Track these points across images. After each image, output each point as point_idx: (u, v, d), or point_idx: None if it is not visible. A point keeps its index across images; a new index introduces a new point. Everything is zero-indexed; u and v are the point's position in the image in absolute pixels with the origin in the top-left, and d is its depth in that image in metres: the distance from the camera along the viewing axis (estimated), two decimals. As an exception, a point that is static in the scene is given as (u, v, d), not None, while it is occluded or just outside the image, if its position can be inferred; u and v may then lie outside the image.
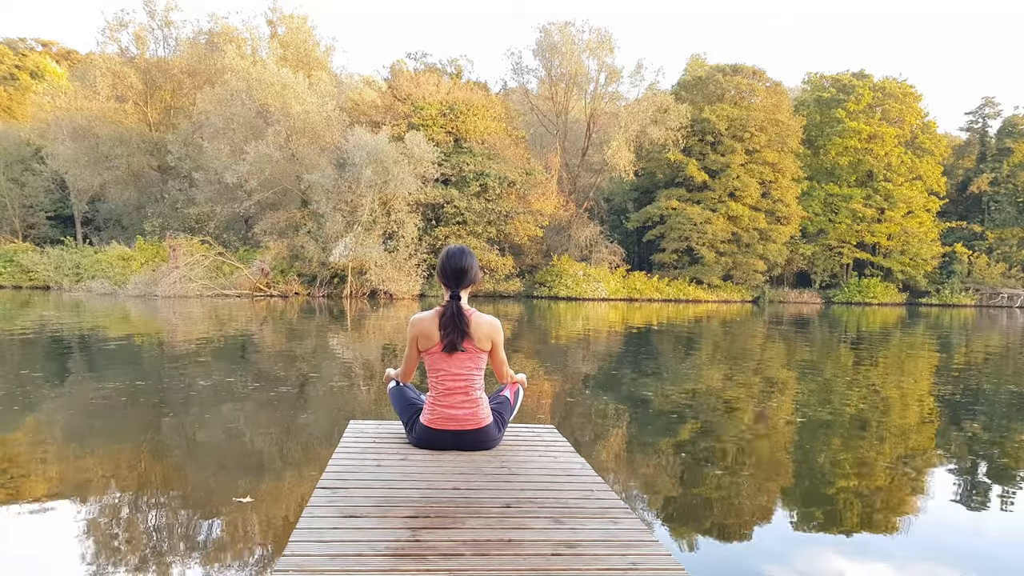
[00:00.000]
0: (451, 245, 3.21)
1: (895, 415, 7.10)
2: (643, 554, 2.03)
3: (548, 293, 35.92)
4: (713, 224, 38.94)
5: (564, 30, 39.38)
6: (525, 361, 10.40)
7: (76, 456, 4.72)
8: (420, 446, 3.16)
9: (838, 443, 5.76)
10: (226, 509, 3.68)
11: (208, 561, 3.06)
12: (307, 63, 38.11)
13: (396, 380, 3.46)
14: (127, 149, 36.64)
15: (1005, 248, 45.10)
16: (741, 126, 39.60)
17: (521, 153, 38.07)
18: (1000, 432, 6.38)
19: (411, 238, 31.82)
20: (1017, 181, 45.19)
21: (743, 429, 6.19)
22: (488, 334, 3.12)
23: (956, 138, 51.37)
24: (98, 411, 6.16)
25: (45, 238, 38.15)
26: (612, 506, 2.45)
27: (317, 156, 31.16)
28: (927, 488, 4.61)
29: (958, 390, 8.96)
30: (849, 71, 44.86)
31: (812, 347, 15.08)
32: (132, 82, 37.29)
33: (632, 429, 6.17)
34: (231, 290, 28.79)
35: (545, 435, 3.54)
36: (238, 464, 4.70)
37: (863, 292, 43.12)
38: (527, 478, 2.76)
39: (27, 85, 47.83)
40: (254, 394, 7.16)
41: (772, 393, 8.41)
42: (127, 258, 31.48)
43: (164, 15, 38.08)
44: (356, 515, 2.25)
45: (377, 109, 36.15)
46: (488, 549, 2.00)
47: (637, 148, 38.70)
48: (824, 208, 43.44)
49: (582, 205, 41.38)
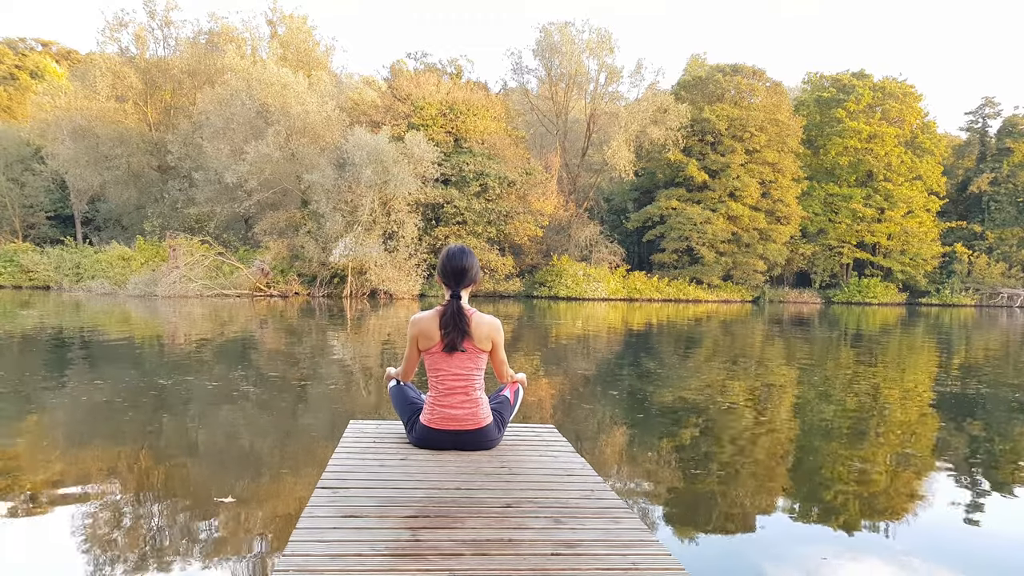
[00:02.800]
0: (451, 245, 3.22)
1: (895, 415, 7.10)
2: (643, 554, 2.02)
3: (548, 293, 35.92)
4: (713, 224, 38.95)
5: (564, 30, 39.39)
6: (525, 361, 10.40)
7: (76, 456, 4.72)
8: (420, 446, 3.16)
9: (838, 443, 5.76)
10: (226, 509, 3.68)
11: (208, 561, 3.06)
12: (307, 63, 38.13)
13: (396, 379, 3.46)
14: (127, 149, 36.65)
15: (1005, 248, 45.10)
16: (741, 126, 39.62)
17: (521, 153, 38.07)
18: (1000, 432, 6.38)
19: (411, 238, 31.81)
20: (1017, 181, 45.19)
21: (743, 429, 6.19)
22: (488, 334, 3.12)
23: (956, 138, 51.36)
24: (98, 411, 6.16)
25: (45, 238, 38.16)
26: (612, 506, 2.45)
27: (317, 156, 31.14)
28: (927, 488, 4.61)
29: (958, 390, 8.95)
30: (849, 71, 44.87)
31: (812, 347, 15.08)
32: (132, 82, 37.31)
33: (632, 429, 6.17)
34: (231, 290, 28.78)
35: (545, 435, 3.54)
36: (238, 464, 4.70)
37: (863, 292, 43.14)
38: (527, 478, 2.76)
39: (27, 85, 47.83)
40: (254, 394, 7.16)
41: (772, 393, 8.41)
42: (127, 258, 31.50)
43: (164, 15, 38.13)
44: (356, 515, 2.25)
45: (377, 109, 36.16)
46: (488, 549, 2.00)
47: (637, 148, 38.70)
48: (824, 208, 43.45)
49: (582, 205, 41.38)
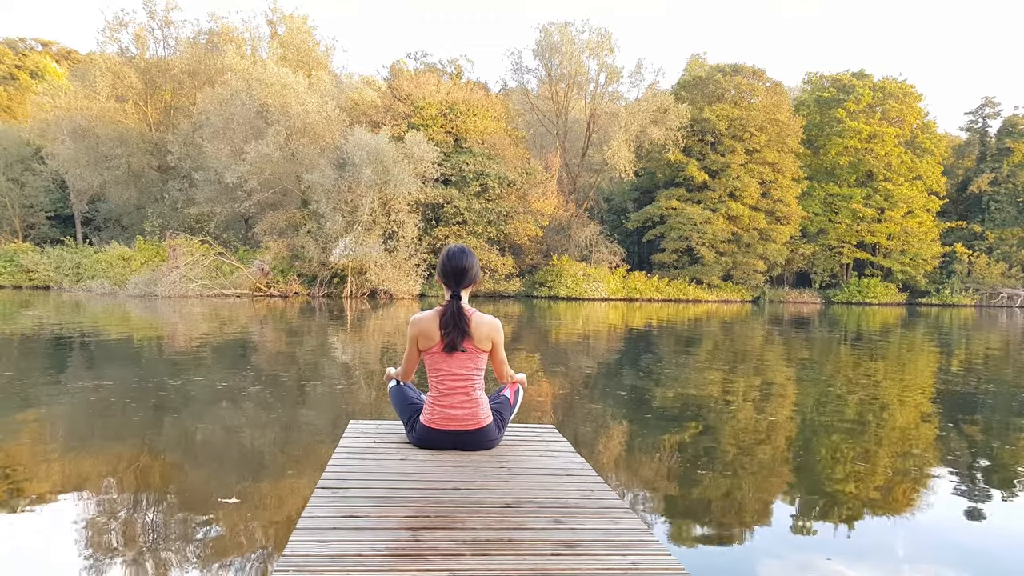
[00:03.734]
0: (451, 245, 3.21)
1: (895, 415, 7.10)
2: (643, 554, 2.02)
3: (548, 293, 35.91)
4: (713, 224, 38.94)
5: (564, 30, 39.38)
6: (525, 361, 10.40)
7: (76, 456, 4.71)
8: (420, 446, 3.16)
9: (838, 443, 5.76)
10: (226, 509, 3.68)
11: (208, 561, 3.06)
12: (307, 63, 38.12)
13: (396, 380, 3.46)
14: (127, 149, 36.64)
15: (1005, 248, 45.09)
16: (741, 126, 39.61)
17: (521, 153, 38.06)
18: (1000, 432, 6.38)
19: (411, 238, 31.81)
20: (1017, 181, 45.18)
21: (743, 429, 6.19)
22: (488, 334, 3.12)
23: (956, 138, 51.34)
24: (98, 411, 6.16)
25: (45, 238, 38.15)
26: (612, 506, 2.45)
27: (317, 156, 31.14)
28: (927, 488, 4.61)
29: (958, 390, 8.95)
30: (849, 71, 44.85)
31: (812, 347, 15.08)
32: (132, 82, 37.30)
33: (632, 429, 6.17)
34: (231, 290, 28.77)
35: (545, 435, 3.54)
36: (238, 464, 4.70)
37: (863, 292, 43.13)
38: (527, 478, 2.76)
39: (27, 85, 47.82)
40: (254, 394, 7.16)
41: (772, 393, 8.41)
42: (127, 258, 31.49)
43: (164, 15, 38.11)
44: (356, 515, 2.25)
45: (377, 109, 36.15)
46: (488, 549, 2.00)
47: (637, 148, 38.69)
48: (824, 208, 43.44)
49: (582, 205, 41.38)
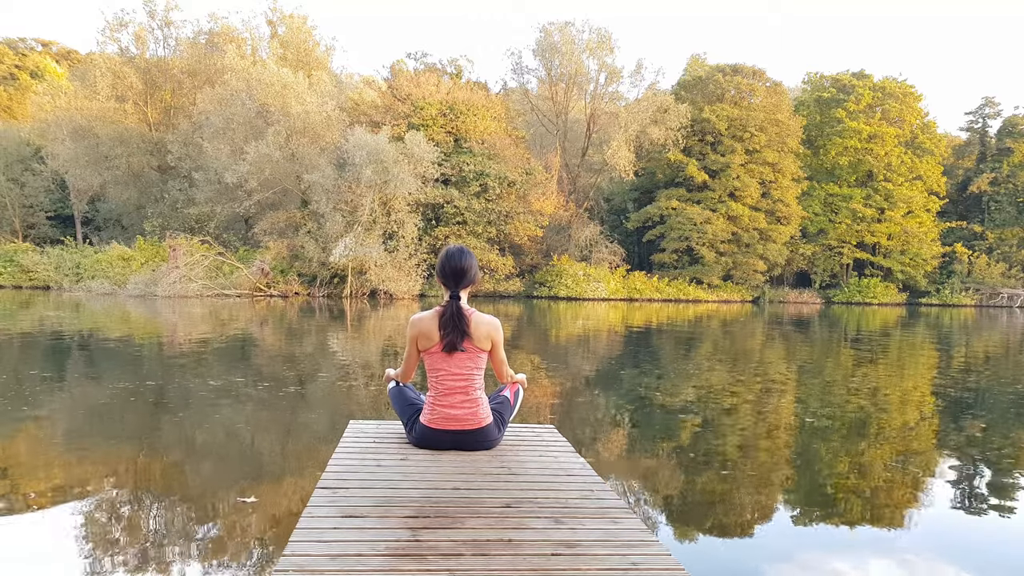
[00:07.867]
0: (451, 245, 3.22)
1: (895, 415, 7.10)
2: (643, 554, 2.02)
3: (548, 293, 35.91)
4: (713, 224, 38.94)
5: (564, 30, 39.39)
6: (525, 361, 10.40)
7: (77, 456, 4.72)
8: (420, 446, 3.16)
9: (838, 442, 5.76)
10: (227, 509, 3.68)
11: (209, 561, 3.06)
12: (307, 63, 38.11)
13: (396, 380, 3.46)
14: (127, 149, 36.64)
15: (1005, 248, 45.08)
16: (741, 126, 39.61)
17: (521, 153, 38.05)
18: (1000, 432, 6.37)
19: (411, 238, 31.81)
20: (1017, 181, 45.18)
21: (743, 429, 6.19)
22: (488, 334, 3.12)
23: (956, 138, 51.32)
24: (99, 411, 6.16)
25: (45, 238, 38.16)
26: (612, 506, 2.45)
27: (317, 156, 31.14)
28: (927, 487, 4.61)
29: (958, 390, 8.95)
30: (849, 71, 44.86)
31: (812, 347, 15.08)
32: (132, 82, 37.31)
33: (632, 429, 6.17)
34: (231, 290, 28.77)
35: (545, 435, 3.54)
36: (239, 464, 4.70)
37: (863, 292, 43.12)
38: (527, 478, 2.76)
39: (27, 85, 47.85)
40: (254, 394, 7.15)
41: (772, 393, 8.41)
42: (127, 258, 31.48)
43: (164, 15, 38.14)
44: (356, 515, 2.25)
45: (377, 109, 36.15)
46: (488, 549, 2.00)
47: (637, 148, 38.69)
48: (824, 208, 43.44)
49: (582, 205, 41.37)
